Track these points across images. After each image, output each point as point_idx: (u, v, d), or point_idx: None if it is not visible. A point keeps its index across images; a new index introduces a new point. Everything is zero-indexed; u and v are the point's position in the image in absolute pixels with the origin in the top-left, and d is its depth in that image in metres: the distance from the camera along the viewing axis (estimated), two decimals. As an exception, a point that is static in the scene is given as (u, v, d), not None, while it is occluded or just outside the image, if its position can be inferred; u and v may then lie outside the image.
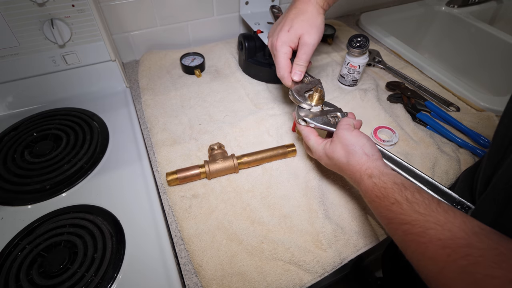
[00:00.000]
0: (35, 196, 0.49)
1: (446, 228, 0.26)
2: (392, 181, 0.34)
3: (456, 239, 0.25)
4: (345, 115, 0.48)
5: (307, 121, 0.46)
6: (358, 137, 0.40)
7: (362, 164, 0.38)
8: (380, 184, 0.35)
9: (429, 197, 0.31)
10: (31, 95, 0.63)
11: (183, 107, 0.65)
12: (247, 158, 0.52)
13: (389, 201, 0.33)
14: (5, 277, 0.39)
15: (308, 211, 0.48)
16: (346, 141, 0.40)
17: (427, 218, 0.28)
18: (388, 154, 0.44)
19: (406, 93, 0.68)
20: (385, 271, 0.71)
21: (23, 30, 0.54)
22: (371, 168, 0.37)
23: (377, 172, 0.36)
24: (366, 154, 0.39)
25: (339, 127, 0.43)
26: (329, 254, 0.43)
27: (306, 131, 0.47)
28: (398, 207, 0.31)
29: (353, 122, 0.44)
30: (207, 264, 0.42)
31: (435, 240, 0.26)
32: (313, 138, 0.46)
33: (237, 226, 0.46)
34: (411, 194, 0.31)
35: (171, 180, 0.49)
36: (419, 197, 0.31)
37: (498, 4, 1.03)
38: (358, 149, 0.39)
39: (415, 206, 0.30)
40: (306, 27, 0.48)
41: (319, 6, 0.48)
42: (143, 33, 0.75)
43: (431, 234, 0.27)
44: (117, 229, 0.45)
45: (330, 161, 0.43)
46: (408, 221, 0.30)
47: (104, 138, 0.58)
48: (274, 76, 0.71)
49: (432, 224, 0.27)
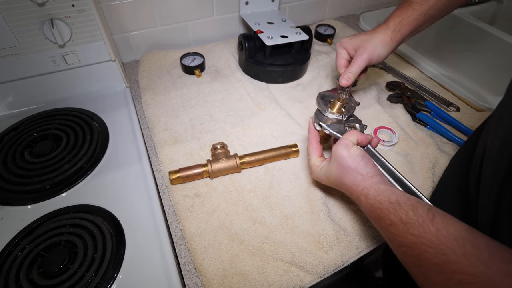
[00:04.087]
0: (35, 196, 0.48)
1: (439, 251, 0.27)
2: (388, 201, 0.34)
3: (450, 263, 0.25)
4: (363, 128, 0.47)
5: (322, 126, 0.45)
6: (353, 156, 0.39)
7: (357, 185, 0.38)
8: (376, 205, 0.35)
9: (423, 213, 0.30)
10: (31, 95, 0.63)
11: (184, 107, 0.65)
12: (249, 158, 0.52)
13: (386, 222, 0.33)
14: (5, 277, 0.39)
15: (310, 212, 0.48)
16: (341, 160, 0.40)
17: (421, 240, 0.28)
18: (386, 165, 0.42)
19: (406, 93, 0.68)
20: (385, 271, 0.71)
21: (23, 30, 0.54)
22: (367, 187, 0.37)
23: (373, 192, 0.36)
24: (361, 174, 0.38)
25: (337, 143, 0.41)
26: (330, 255, 0.43)
27: (310, 148, 0.46)
28: (395, 229, 0.32)
29: (356, 138, 0.42)
30: (208, 263, 0.42)
31: (431, 265, 0.27)
32: (313, 158, 0.46)
33: (239, 226, 0.46)
34: (405, 214, 0.31)
35: (173, 179, 0.49)
36: (413, 216, 0.30)
37: (498, 4, 1.03)
38: (353, 169, 0.39)
39: (410, 228, 0.30)
40: (366, 42, 0.52)
41: (390, 35, 0.51)
42: (143, 33, 0.75)
43: (427, 258, 0.27)
44: (117, 229, 0.45)
45: (328, 179, 0.43)
46: (405, 243, 0.30)
47: (104, 138, 0.58)
48: (274, 76, 0.71)
49: (426, 247, 0.28)
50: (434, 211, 0.30)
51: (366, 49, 0.51)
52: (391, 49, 0.52)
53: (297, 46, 0.72)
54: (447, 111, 0.64)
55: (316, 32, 0.88)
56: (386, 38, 0.51)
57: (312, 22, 0.97)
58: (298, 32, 0.70)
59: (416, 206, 0.31)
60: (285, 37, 0.68)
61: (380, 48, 0.51)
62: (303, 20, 0.95)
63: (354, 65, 0.52)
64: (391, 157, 0.56)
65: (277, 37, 0.68)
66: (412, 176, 0.53)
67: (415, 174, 0.53)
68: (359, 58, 0.52)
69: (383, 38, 0.51)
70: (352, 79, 0.52)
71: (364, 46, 0.52)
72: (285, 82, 0.73)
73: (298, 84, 0.73)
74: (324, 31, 0.88)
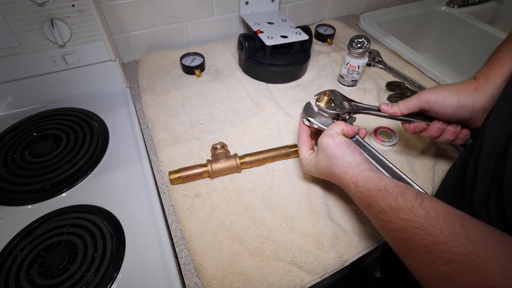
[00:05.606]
0: (35, 196, 0.48)
1: (428, 232, 0.27)
2: (376, 188, 0.34)
3: (438, 243, 0.26)
4: (352, 120, 0.47)
5: (310, 120, 0.46)
6: (338, 144, 0.39)
7: (346, 172, 0.38)
8: (366, 193, 0.35)
9: (412, 199, 0.30)
10: (31, 95, 0.63)
11: (184, 107, 0.65)
12: (249, 158, 0.52)
13: (376, 209, 0.33)
14: (5, 277, 0.39)
15: (310, 212, 0.48)
16: (327, 149, 0.40)
17: (411, 224, 0.29)
18: (375, 154, 0.42)
19: (406, 93, 0.68)
20: (383, 271, 0.71)
21: (23, 30, 0.54)
22: (355, 175, 0.37)
23: (362, 179, 0.36)
24: (348, 161, 0.38)
25: (323, 134, 0.41)
26: (330, 255, 0.43)
27: (300, 141, 0.46)
28: (385, 216, 0.32)
29: (341, 128, 0.41)
30: (208, 263, 0.42)
31: (421, 246, 0.27)
32: (303, 151, 0.45)
33: (239, 226, 0.46)
34: (394, 200, 0.32)
35: (173, 179, 0.49)
36: (402, 201, 0.31)
37: (498, 4, 1.03)
38: (339, 157, 0.39)
39: (399, 213, 0.30)
40: (441, 86, 0.44)
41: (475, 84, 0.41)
42: (143, 33, 0.75)
43: (417, 240, 0.27)
44: (117, 229, 0.45)
45: (317, 171, 0.43)
46: (395, 228, 0.30)
47: (104, 138, 0.58)
48: (274, 76, 0.71)
49: (416, 230, 0.28)
50: (423, 196, 0.30)
51: (431, 90, 0.43)
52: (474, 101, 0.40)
53: (297, 46, 0.72)
54: (447, 111, 0.64)
55: (316, 32, 0.88)
56: (468, 86, 0.41)
57: (312, 22, 0.97)
58: (298, 32, 0.70)
59: (405, 192, 0.32)
60: (285, 37, 0.68)
61: (450, 94, 0.41)
62: (303, 20, 0.95)
63: (407, 100, 0.45)
64: (391, 157, 0.56)
65: (277, 37, 0.68)
66: (412, 176, 0.53)
67: (415, 174, 0.53)
68: (415, 95, 0.44)
69: (461, 86, 0.41)
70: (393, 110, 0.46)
71: (434, 88, 0.43)
72: (285, 82, 0.73)
73: (298, 84, 0.73)
74: (324, 31, 0.88)
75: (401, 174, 0.40)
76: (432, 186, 0.52)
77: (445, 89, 0.42)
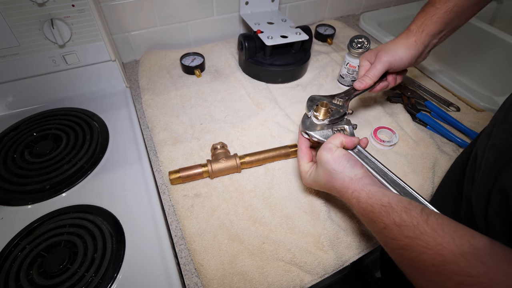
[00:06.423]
0: (35, 196, 0.48)
1: (437, 252, 0.26)
2: (379, 203, 0.33)
3: (448, 264, 0.25)
4: (352, 128, 0.45)
5: (309, 134, 0.44)
6: (337, 159, 0.39)
7: (347, 187, 0.37)
8: (368, 209, 0.34)
9: (417, 215, 0.30)
10: (31, 95, 0.63)
11: (184, 107, 0.65)
12: (249, 158, 0.52)
13: (380, 226, 0.32)
14: (5, 277, 0.39)
15: (310, 213, 0.48)
16: (326, 164, 0.39)
17: (417, 242, 0.28)
18: (378, 166, 0.41)
19: (406, 93, 0.68)
20: (383, 271, 0.71)
21: (23, 30, 0.54)
22: (357, 190, 0.36)
23: (364, 194, 0.35)
24: (349, 176, 0.38)
25: (321, 148, 0.41)
26: (330, 255, 0.43)
27: (300, 154, 0.45)
28: (389, 232, 0.31)
29: (339, 141, 0.41)
30: (208, 263, 0.42)
31: (429, 266, 0.26)
32: (302, 164, 0.44)
33: (239, 226, 0.46)
34: (399, 217, 0.31)
35: (173, 179, 0.49)
36: (407, 218, 0.30)
37: (498, 4, 1.03)
38: (339, 171, 0.38)
39: (404, 230, 0.29)
40: (387, 46, 0.50)
41: (413, 37, 0.49)
42: (143, 33, 0.75)
43: (424, 260, 0.27)
44: (117, 229, 0.45)
45: (317, 185, 0.42)
46: (400, 246, 0.29)
47: (104, 138, 0.58)
48: (274, 76, 0.71)
49: (423, 249, 0.27)
50: (428, 212, 0.30)
51: (387, 52, 0.49)
52: (417, 51, 0.49)
53: (297, 46, 0.72)
54: (447, 111, 0.64)
55: (316, 32, 0.88)
56: (409, 41, 0.49)
57: (312, 22, 0.97)
58: (298, 32, 0.70)
59: (409, 208, 0.31)
60: (285, 37, 0.68)
61: (402, 51, 0.49)
62: (303, 20, 0.95)
63: (372, 69, 0.50)
64: (391, 157, 0.56)
65: (277, 37, 0.68)
66: (412, 176, 0.53)
67: (415, 174, 0.53)
68: (377, 62, 0.50)
69: (405, 41, 0.49)
70: (367, 83, 0.50)
71: (385, 50, 0.50)
72: (285, 82, 0.73)
73: (298, 84, 0.73)
74: (324, 31, 0.88)
75: (405, 186, 0.39)
76: (432, 186, 0.52)
77: (396, 47, 0.49)
